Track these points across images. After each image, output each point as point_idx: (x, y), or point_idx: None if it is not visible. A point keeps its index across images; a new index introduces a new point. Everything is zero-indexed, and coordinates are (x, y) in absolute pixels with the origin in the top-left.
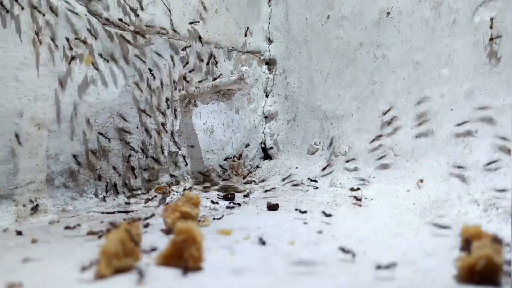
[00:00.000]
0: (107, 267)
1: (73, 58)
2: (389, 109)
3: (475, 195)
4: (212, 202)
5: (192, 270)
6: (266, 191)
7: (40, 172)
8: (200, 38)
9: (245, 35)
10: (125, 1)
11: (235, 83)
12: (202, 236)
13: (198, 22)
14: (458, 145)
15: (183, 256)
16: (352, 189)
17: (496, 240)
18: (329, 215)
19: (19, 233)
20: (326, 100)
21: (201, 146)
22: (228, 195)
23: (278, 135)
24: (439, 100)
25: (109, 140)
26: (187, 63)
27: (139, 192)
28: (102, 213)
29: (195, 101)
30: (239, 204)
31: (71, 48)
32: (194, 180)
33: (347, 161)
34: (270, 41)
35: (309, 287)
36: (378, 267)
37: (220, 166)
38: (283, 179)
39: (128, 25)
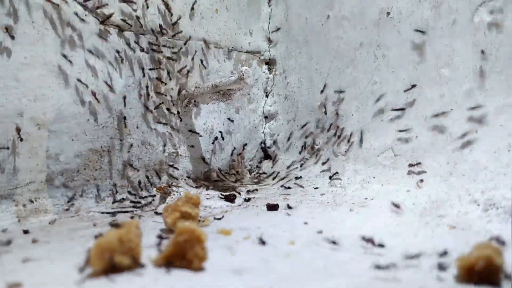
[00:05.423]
0: (98, 260)
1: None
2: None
3: (475, 195)
4: (212, 206)
5: (196, 270)
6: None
7: (40, 172)
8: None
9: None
10: (124, 1)
11: (235, 83)
12: (206, 236)
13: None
14: (458, 145)
15: (187, 256)
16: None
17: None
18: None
19: (25, 231)
20: (326, 100)
21: (201, 146)
22: (230, 195)
23: (278, 135)
24: (439, 100)
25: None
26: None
27: (139, 192)
28: (102, 213)
29: (195, 101)
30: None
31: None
32: (194, 180)
33: (347, 161)
34: (270, 41)
35: (309, 287)
36: (377, 267)
37: (220, 166)
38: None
39: (128, 25)
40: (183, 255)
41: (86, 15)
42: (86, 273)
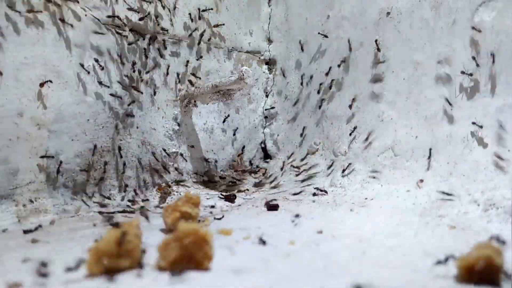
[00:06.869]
0: (94, 265)
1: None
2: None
3: (475, 195)
4: (212, 206)
5: (205, 270)
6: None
7: (40, 172)
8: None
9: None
10: (124, 1)
11: (235, 83)
12: (211, 235)
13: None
14: (458, 145)
15: (195, 258)
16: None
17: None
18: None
19: (26, 231)
20: (326, 100)
21: (201, 146)
22: (230, 195)
23: (278, 135)
24: (439, 100)
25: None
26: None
27: (139, 192)
28: (102, 213)
29: (195, 101)
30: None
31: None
32: (194, 180)
33: (347, 161)
34: (270, 41)
35: (309, 287)
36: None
37: (220, 166)
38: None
39: (128, 25)
40: (191, 257)
41: (86, 15)
42: (85, 273)
